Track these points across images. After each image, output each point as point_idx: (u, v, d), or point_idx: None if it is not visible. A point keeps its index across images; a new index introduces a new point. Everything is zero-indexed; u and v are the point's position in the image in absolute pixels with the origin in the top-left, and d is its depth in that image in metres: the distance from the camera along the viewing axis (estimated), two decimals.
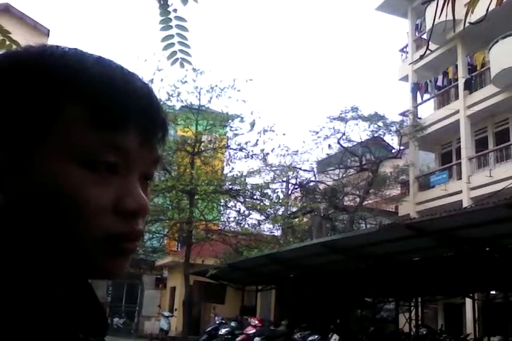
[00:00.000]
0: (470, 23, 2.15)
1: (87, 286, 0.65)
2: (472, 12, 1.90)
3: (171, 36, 2.73)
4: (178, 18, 2.69)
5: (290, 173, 21.88)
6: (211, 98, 18.65)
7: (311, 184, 23.52)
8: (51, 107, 0.58)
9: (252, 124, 18.59)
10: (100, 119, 0.58)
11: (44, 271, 0.59)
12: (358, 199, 22.33)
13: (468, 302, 16.37)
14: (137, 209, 0.60)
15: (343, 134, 22.19)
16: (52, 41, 0.67)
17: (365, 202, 22.31)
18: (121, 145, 0.59)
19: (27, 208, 0.57)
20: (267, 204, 18.14)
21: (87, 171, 0.58)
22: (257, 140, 18.73)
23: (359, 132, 22.54)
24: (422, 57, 17.93)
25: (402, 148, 22.48)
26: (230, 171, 19.38)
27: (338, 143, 22.44)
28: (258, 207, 18.00)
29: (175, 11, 2.67)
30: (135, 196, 0.60)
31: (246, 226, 18.86)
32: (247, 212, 18.91)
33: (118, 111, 0.59)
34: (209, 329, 19.60)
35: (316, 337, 15.44)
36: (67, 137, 0.58)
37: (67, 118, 0.58)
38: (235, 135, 19.21)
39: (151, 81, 17.85)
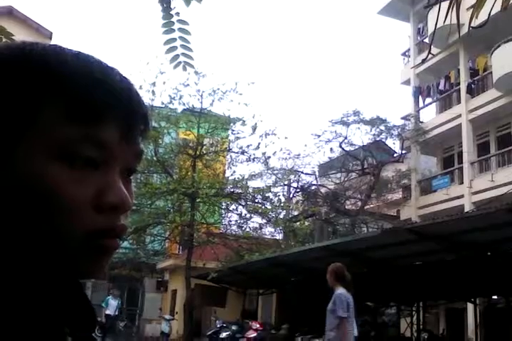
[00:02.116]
0: (472, 28, 2.15)
1: (74, 281, 0.64)
2: (477, 17, 1.90)
3: (174, 39, 2.73)
4: (180, 21, 2.69)
5: (292, 177, 21.90)
6: (213, 101, 18.67)
7: (313, 187, 23.51)
8: (30, 102, 0.58)
9: (254, 128, 18.60)
10: (77, 113, 0.58)
11: (24, 268, 0.58)
12: (359, 203, 22.32)
13: (470, 307, 16.33)
14: (118, 204, 0.59)
15: (345, 138, 22.23)
16: (44, 42, 0.67)
17: (367, 206, 22.29)
18: (100, 139, 0.59)
19: (4, 204, 0.57)
20: (269, 207, 18.12)
21: (65, 166, 0.57)
22: (259, 143, 18.74)
23: (361, 136, 22.62)
24: (424, 61, 17.93)
25: (404, 152, 22.48)
26: (232, 174, 19.39)
27: (340, 146, 22.46)
28: (260, 211, 17.98)
29: (177, 14, 2.68)
30: (115, 190, 0.59)
31: (247, 229, 18.85)
32: (248, 216, 18.90)
33: (95, 104, 0.59)
34: (210, 332, 19.59)
35: None
36: (46, 132, 0.57)
37: (46, 112, 0.58)
38: (237, 138, 19.22)
39: (154, 84, 17.90)
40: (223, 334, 18.72)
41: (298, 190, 23.09)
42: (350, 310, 6.54)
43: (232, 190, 18.33)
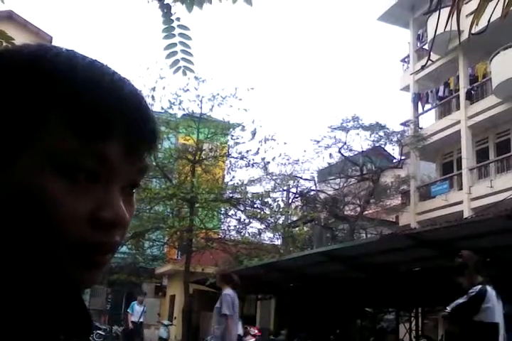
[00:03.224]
0: (472, 34, 2.15)
1: (71, 287, 0.63)
2: (477, 24, 1.90)
3: (174, 44, 2.74)
4: (181, 26, 2.70)
5: (291, 182, 21.88)
6: (213, 106, 18.71)
7: (312, 193, 23.49)
8: (35, 112, 0.57)
9: (253, 133, 18.63)
10: (81, 126, 0.57)
11: (17, 273, 0.58)
12: (358, 209, 22.29)
13: None
14: (114, 220, 0.58)
15: (344, 144, 22.21)
16: (57, 47, 0.66)
17: (366, 212, 22.27)
18: (103, 153, 0.58)
19: (3, 216, 0.56)
20: (268, 213, 18.12)
21: (65, 179, 0.57)
22: (258, 149, 18.77)
23: (360, 142, 22.62)
24: (423, 67, 17.97)
25: (403, 157, 22.48)
26: (231, 180, 19.41)
27: (339, 152, 22.45)
28: (258, 216, 17.98)
29: (178, 19, 2.69)
30: (113, 207, 0.59)
31: (246, 234, 18.85)
32: (247, 221, 18.91)
33: (101, 118, 0.57)
34: (208, 338, 19.51)
35: None
36: (48, 143, 0.56)
37: (50, 123, 0.57)
38: (236, 143, 19.24)
39: (153, 89, 17.93)
40: None
41: (297, 196, 23.07)
42: (235, 309, 6.77)
43: (231, 195, 18.33)
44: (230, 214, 19.49)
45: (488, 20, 2.00)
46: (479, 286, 5.70)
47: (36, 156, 0.56)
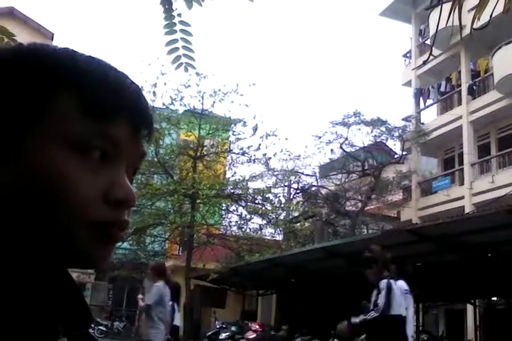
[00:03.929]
0: (474, 29, 2.15)
1: (67, 278, 0.64)
2: (479, 19, 1.90)
3: (176, 41, 2.73)
4: (182, 22, 2.69)
5: (292, 178, 21.89)
6: (214, 102, 18.70)
7: (313, 189, 23.50)
8: (41, 96, 0.59)
9: (255, 129, 18.62)
10: (93, 107, 0.59)
11: (27, 261, 0.59)
12: (360, 205, 22.30)
13: (470, 308, 16.32)
14: (125, 199, 0.60)
15: (346, 139, 22.20)
16: (56, 44, 0.67)
17: (367, 207, 22.28)
18: (113, 134, 0.60)
19: (17, 196, 0.57)
20: (269, 208, 18.13)
21: (79, 157, 0.58)
22: (260, 144, 18.77)
23: (361, 137, 22.58)
24: (425, 62, 17.92)
25: (404, 153, 22.47)
26: (232, 175, 19.41)
27: (341, 147, 22.44)
28: (260, 212, 17.99)
29: (179, 15, 2.68)
30: (123, 186, 0.61)
31: (247, 230, 18.85)
32: (248, 217, 18.91)
33: (111, 100, 0.60)
34: (210, 333, 19.58)
35: None
36: (60, 124, 0.58)
37: (60, 105, 0.59)
38: (238, 139, 19.25)
39: (155, 85, 17.92)
40: (223, 335, 18.71)
41: (298, 191, 23.08)
42: (164, 300, 7.13)
43: (232, 191, 18.34)
44: (231, 209, 19.50)
45: (490, 15, 1.99)
46: (385, 280, 6.11)
47: (48, 136, 0.58)
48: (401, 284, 6.42)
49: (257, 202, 18.37)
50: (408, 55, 24.01)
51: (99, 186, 0.59)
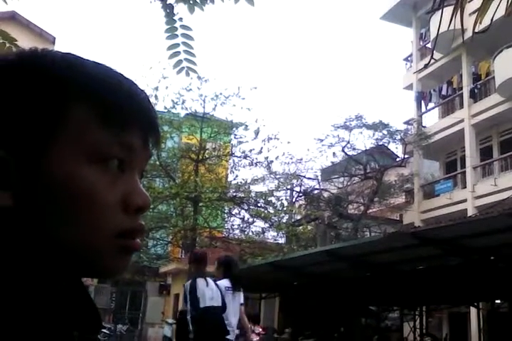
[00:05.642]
0: (475, 33, 2.15)
1: (79, 284, 0.64)
2: (481, 22, 1.90)
3: (177, 45, 2.74)
4: (183, 26, 2.70)
5: (294, 181, 21.86)
6: (216, 106, 18.69)
7: (316, 192, 23.48)
8: (58, 106, 0.59)
9: (257, 132, 18.61)
10: (111, 117, 0.60)
11: (47, 271, 0.59)
12: (362, 208, 22.27)
13: (473, 311, 16.28)
14: (143, 206, 0.61)
15: (348, 142, 22.19)
16: (58, 49, 0.68)
17: (370, 211, 22.25)
18: (129, 142, 0.61)
19: (38, 207, 0.57)
20: (271, 211, 18.11)
21: (99, 168, 0.59)
22: (262, 148, 18.75)
23: (363, 140, 22.54)
24: (426, 66, 17.78)
25: (406, 156, 22.44)
26: (234, 179, 19.39)
27: (343, 151, 22.43)
28: (262, 215, 17.96)
29: (181, 19, 2.69)
30: (140, 193, 0.62)
31: (250, 233, 18.84)
32: (251, 220, 18.89)
33: (127, 110, 0.61)
34: None
35: None
36: (79, 135, 0.59)
37: (77, 116, 0.59)
38: (240, 143, 19.24)
39: (156, 88, 17.94)
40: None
41: (300, 195, 23.06)
42: None
43: (234, 194, 18.32)
44: (233, 213, 19.49)
45: (492, 19, 2.00)
46: (189, 281, 6.83)
47: (68, 149, 0.58)
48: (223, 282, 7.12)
49: (259, 205, 18.35)
50: (409, 58, 24.01)
51: (118, 195, 0.60)
